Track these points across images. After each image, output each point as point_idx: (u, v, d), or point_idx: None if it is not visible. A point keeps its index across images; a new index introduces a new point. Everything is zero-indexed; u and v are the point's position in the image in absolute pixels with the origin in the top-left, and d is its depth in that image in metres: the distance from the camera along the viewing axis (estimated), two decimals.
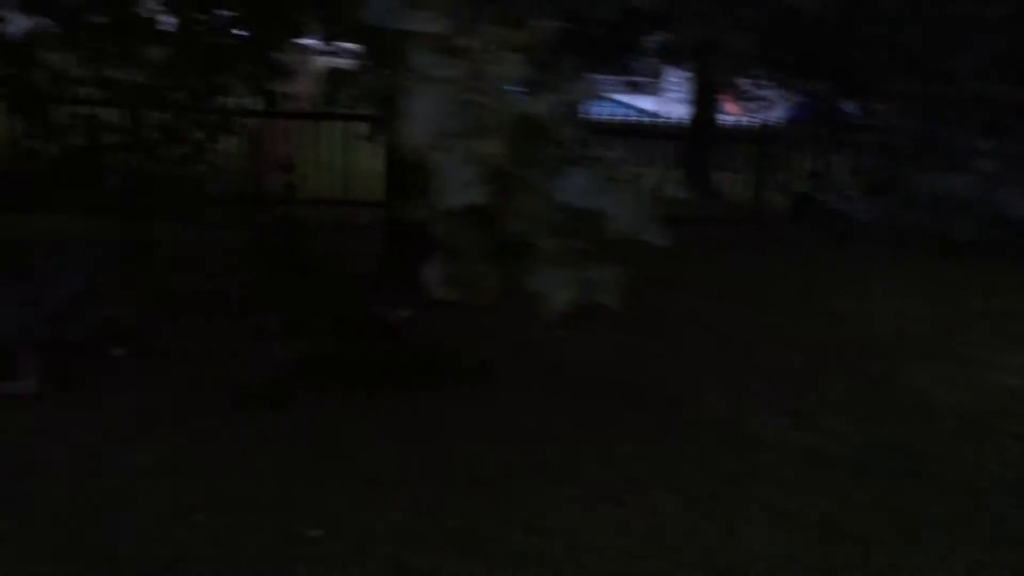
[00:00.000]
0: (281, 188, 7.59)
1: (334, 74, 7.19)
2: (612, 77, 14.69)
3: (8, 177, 7.62)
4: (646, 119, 12.32)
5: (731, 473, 4.04)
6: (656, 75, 15.90)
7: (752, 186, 10.02)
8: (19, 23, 7.08)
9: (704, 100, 12.04)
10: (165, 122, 7.44)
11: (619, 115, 11.93)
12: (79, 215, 6.87)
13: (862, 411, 4.86)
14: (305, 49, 8.27)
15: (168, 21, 7.00)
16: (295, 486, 3.67)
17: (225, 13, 6.89)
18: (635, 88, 16.21)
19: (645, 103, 14.73)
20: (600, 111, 10.51)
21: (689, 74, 12.70)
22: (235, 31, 7.07)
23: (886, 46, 3.80)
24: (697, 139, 11.57)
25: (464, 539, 3.37)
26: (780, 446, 4.33)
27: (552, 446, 4.19)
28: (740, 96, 12.54)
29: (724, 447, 4.28)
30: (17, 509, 3.39)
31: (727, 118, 12.48)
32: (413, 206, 1.87)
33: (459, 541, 3.36)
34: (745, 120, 11.66)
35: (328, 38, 7.66)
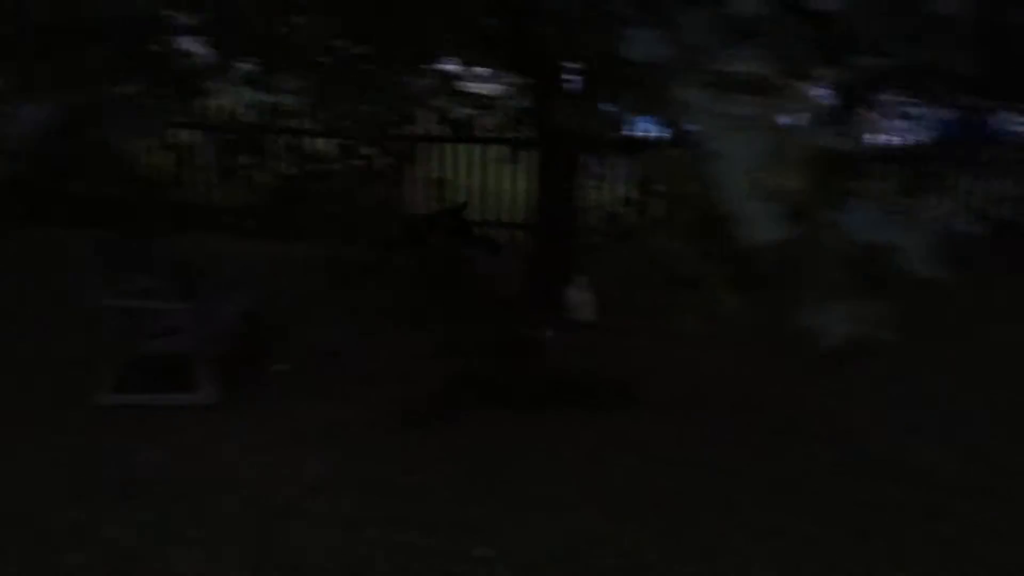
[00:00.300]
0: (445, 211, 7.79)
1: (481, 99, 7.39)
2: None
3: (221, 204, 8.16)
4: None
5: (902, 509, 3.87)
6: None
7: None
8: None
9: (844, 118, 11.61)
10: (359, 150, 7.76)
11: None
12: (287, 239, 7.26)
13: None
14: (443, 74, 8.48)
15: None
16: (461, 505, 3.75)
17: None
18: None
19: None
20: None
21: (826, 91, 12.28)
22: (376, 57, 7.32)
23: None
24: None
25: (630, 567, 3.36)
26: (953, 482, 4.12)
27: (710, 474, 4.12)
28: (885, 114, 11.99)
29: (893, 482, 4.10)
30: (205, 516, 3.60)
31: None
32: (657, 237, 1.89)
33: (625, 569, 3.35)
34: (889, 140, 11.16)
35: (472, 63, 7.84)
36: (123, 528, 3.47)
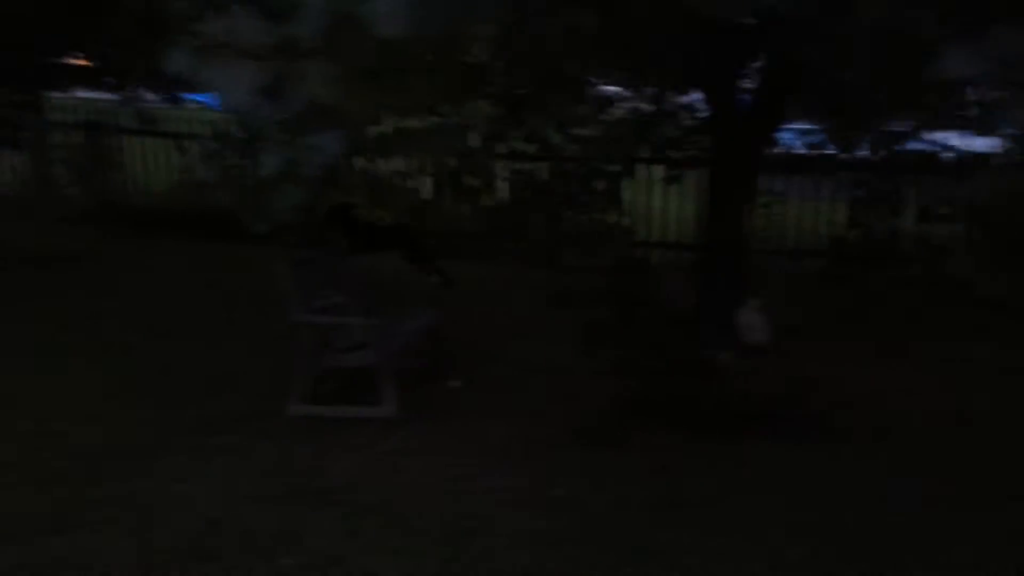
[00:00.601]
0: (620, 231, 7.78)
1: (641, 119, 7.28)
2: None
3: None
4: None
5: None
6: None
7: None
8: None
9: None
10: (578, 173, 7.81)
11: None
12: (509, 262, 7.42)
13: None
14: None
15: None
16: (651, 527, 3.68)
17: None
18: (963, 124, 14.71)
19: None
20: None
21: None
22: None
23: None
24: None
25: None
26: None
27: (912, 517, 3.85)
28: None
29: None
30: (399, 527, 3.66)
31: None
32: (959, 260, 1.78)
33: None
34: None
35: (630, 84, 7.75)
36: (323, 535, 3.59)
